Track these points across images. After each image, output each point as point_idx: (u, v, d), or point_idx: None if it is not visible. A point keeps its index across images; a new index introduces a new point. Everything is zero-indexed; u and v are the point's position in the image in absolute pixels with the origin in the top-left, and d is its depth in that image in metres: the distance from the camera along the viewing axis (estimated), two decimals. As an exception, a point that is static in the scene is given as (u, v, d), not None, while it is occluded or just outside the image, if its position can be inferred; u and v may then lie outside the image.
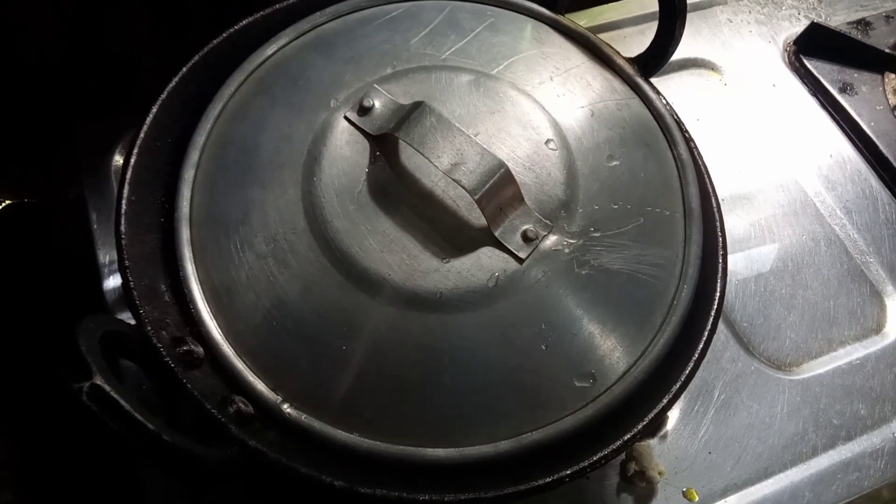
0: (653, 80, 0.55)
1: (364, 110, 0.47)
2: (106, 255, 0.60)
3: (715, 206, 0.49)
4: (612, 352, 0.45)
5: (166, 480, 0.46)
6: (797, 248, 0.67)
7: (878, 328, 0.64)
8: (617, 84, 0.53)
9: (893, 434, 0.59)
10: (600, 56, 0.54)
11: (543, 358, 0.44)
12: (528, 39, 0.53)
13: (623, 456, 0.56)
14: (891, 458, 0.58)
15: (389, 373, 0.43)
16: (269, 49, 0.52)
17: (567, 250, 0.45)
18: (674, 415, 0.58)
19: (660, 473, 0.55)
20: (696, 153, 0.51)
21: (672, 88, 0.54)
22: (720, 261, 0.47)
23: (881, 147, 0.72)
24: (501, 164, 0.43)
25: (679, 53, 0.78)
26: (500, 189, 0.43)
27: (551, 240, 0.45)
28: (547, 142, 0.48)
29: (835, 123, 0.76)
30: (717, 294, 0.46)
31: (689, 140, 0.52)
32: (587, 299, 0.45)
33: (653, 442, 0.57)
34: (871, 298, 0.65)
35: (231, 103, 0.50)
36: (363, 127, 0.47)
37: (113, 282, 0.59)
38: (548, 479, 0.40)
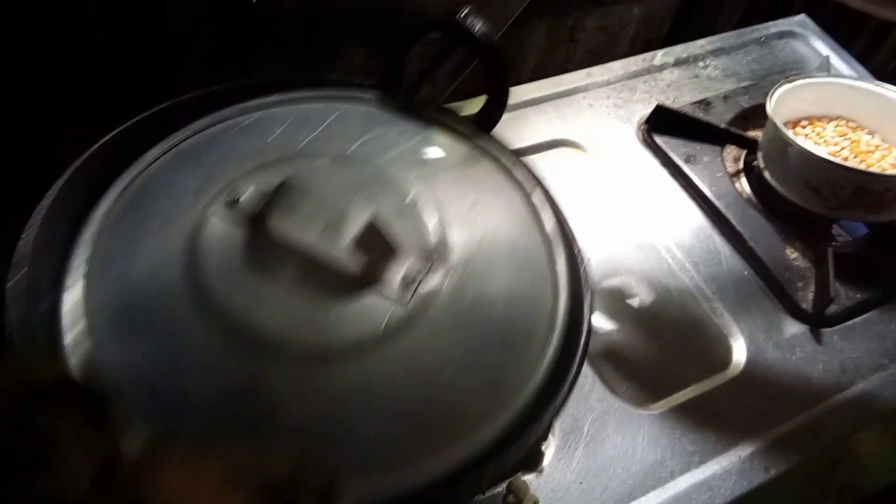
0: (526, 157, 0.63)
1: (232, 203, 0.51)
2: None
3: (567, 230, 0.57)
4: (507, 377, 0.49)
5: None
6: (653, 300, 0.76)
7: (724, 365, 0.72)
8: (459, 142, 0.61)
9: (739, 456, 0.66)
10: (440, 123, 0.62)
11: (442, 393, 0.48)
12: (375, 123, 0.60)
13: (504, 490, 0.61)
14: (738, 477, 0.65)
15: (290, 431, 0.45)
16: (136, 169, 0.55)
17: (445, 286, 0.51)
18: (550, 452, 0.64)
19: (535, 503, 0.60)
20: (541, 187, 0.59)
21: (542, 165, 0.63)
22: (582, 272, 0.54)
23: (720, 208, 0.83)
24: (369, 222, 0.49)
25: (548, 135, 0.89)
26: (371, 244, 0.49)
27: (430, 281, 0.51)
28: (408, 200, 0.55)
29: (683, 190, 0.86)
30: (588, 299, 0.53)
31: (537, 180, 0.60)
32: (474, 329, 0.50)
33: (531, 477, 0.63)
34: (718, 339, 0.74)
35: (106, 224, 0.52)
36: (232, 220, 0.51)
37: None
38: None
